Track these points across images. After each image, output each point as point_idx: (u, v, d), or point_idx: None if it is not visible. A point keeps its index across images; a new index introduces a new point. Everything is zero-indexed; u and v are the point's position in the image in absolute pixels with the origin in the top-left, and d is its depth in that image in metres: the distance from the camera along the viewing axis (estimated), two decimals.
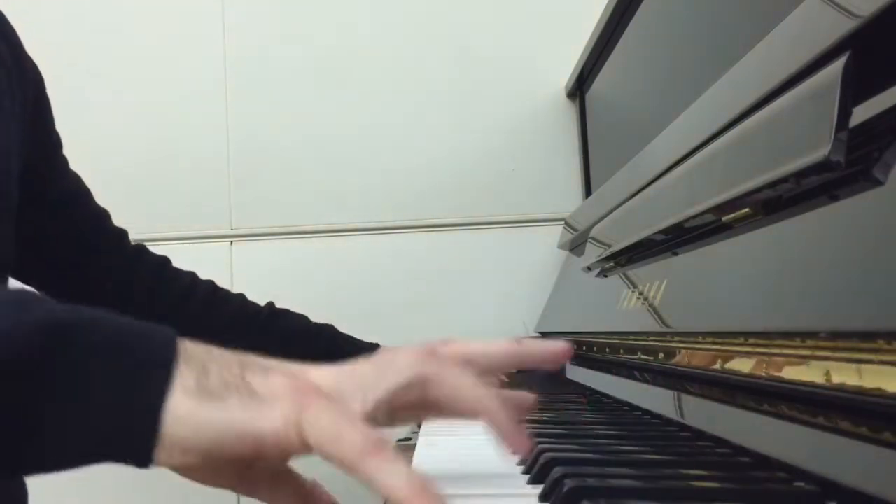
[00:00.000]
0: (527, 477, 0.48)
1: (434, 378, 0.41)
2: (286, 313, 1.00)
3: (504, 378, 1.07)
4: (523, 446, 0.41)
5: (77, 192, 0.90)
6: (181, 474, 0.38)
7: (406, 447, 0.78)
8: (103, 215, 0.92)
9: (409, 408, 0.42)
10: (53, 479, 0.37)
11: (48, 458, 0.35)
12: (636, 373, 0.80)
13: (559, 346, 0.48)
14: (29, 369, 0.34)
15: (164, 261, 0.97)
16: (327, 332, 1.00)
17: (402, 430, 0.82)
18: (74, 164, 0.90)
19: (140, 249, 0.95)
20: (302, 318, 1.00)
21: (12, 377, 0.34)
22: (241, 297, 0.99)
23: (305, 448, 0.36)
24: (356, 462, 0.34)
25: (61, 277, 0.89)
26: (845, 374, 0.38)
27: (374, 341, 1.02)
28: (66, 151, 0.89)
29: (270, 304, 1.00)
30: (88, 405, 0.34)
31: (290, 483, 0.42)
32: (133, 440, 0.35)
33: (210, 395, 0.35)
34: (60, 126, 0.87)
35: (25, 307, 0.36)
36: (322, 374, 0.40)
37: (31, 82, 0.82)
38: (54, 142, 0.88)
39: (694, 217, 0.61)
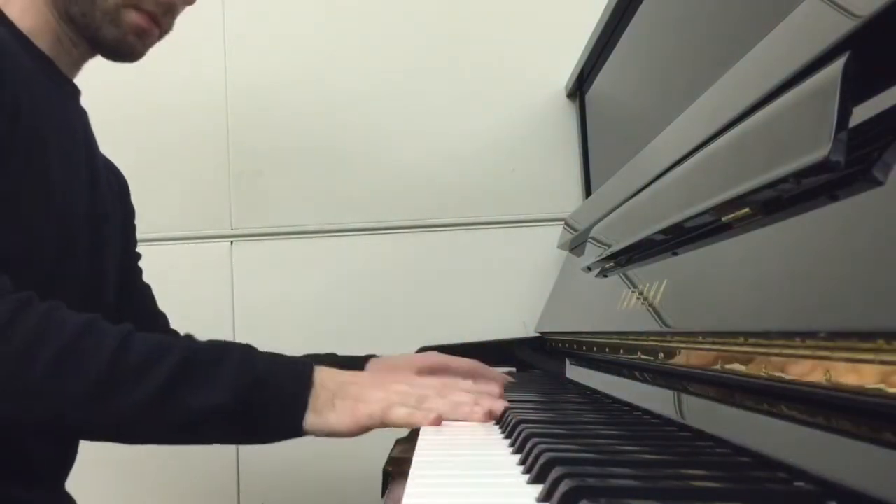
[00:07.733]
0: (527, 476, 0.48)
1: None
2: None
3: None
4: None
5: (145, 297, 1.09)
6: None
7: (406, 448, 0.78)
8: (159, 316, 1.09)
9: None
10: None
11: (263, 440, 0.79)
12: (636, 373, 0.80)
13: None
14: (243, 409, 0.73)
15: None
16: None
17: (402, 431, 0.81)
18: None
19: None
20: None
21: (240, 410, 0.73)
22: None
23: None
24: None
25: None
26: (845, 374, 0.38)
27: (368, 353, 1.00)
28: None
29: None
30: (270, 426, 0.75)
31: None
32: (292, 437, 0.76)
33: (320, 411, 0.74)
34: None
35: (242, 366, 0.74)
36: None
37: (125, 192, 1.06)
38: (133, 254, 1.08)
39: (694, 217, 0.61)
